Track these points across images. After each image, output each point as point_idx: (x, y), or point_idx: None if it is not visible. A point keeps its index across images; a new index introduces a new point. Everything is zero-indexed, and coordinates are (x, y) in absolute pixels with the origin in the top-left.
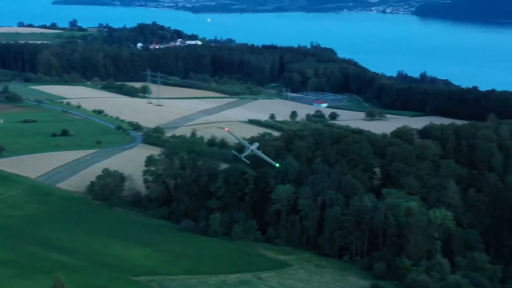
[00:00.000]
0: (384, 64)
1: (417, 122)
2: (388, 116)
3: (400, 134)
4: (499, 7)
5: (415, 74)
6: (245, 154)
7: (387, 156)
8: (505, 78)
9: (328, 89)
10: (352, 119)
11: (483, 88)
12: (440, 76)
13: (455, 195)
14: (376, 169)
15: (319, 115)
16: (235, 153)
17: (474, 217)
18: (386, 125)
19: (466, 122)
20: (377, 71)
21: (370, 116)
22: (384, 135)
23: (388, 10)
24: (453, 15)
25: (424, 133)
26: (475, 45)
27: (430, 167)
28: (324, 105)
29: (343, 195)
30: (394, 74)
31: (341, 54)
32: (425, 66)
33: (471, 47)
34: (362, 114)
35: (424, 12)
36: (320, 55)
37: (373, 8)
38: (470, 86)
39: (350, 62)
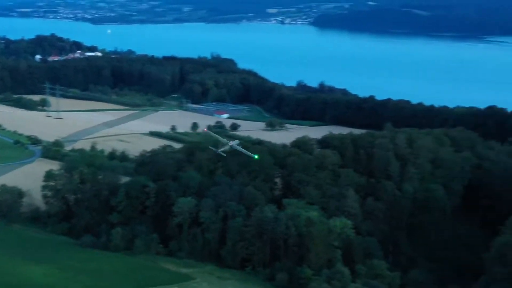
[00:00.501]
0: (283, 74)
1: (317, 132)
2: (288, 126)
3: (300, 144)
4: (394, 18)
5: (314, 84)
6: (222, 149)
7: (287, 167)
8: (401, 87)
9: (229, 100)
10: (253, 129)
11: (380, 97)
12: (338, 85)
13: (354, 203)
14: (277, 180)
15: (220, 126)
16: (213, 148)
17: (372, 225)
18: (286, 135)
19: (364, 131)
20: (277, 81)
21: (271, 126)
22: (284, 146)
23: (286, 21)
24: (350, 25)
25: (323, 143)
26: (372, 55)
27: (330, 177)
28: (225, 115)
29: (245, 207)
30: (294, 84)
31: (241, 65)
32: (323, 75)
33: (368, 57)
34: (262, 125)
35: (322, 23)
36: (221, 66)
37: (272, 19)
38: (367, 95)
39: (250, 72)
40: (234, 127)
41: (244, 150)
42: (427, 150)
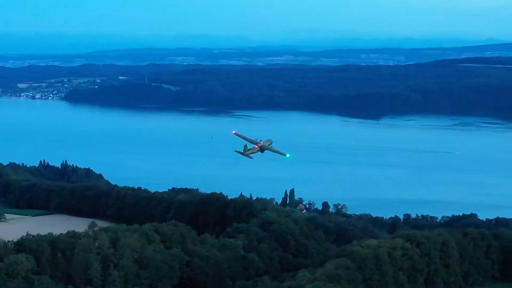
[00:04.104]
0: (28, 154)
1: (40, 222)
2: (10, 216)
3: None
4: (145, 93)
5: (57, 163)
6: (250, 152)
7: None
8: (150, 163)
9: None
10: None
11: (124, 174)
12: (83, 164)
13: None
14: None
15: None
16: (238, 151)
17: None
18: (5, 228)
19: (89, 219)
20: (18, 162)
21: None
22: None
23: (37, 96)
24: (102, 100)
25: (20, 246)
26: (121, 130)
27: (22, 285)
28: None
29: None
30: (37, 164)
31: None
32: (70, 153)
33: (117, 132)
34: None
35: (74, 98)
36: None
37: (22, 94)
38: (116, 171)
39: None
40: None
41: (275, 150)
42: (131, 250)
